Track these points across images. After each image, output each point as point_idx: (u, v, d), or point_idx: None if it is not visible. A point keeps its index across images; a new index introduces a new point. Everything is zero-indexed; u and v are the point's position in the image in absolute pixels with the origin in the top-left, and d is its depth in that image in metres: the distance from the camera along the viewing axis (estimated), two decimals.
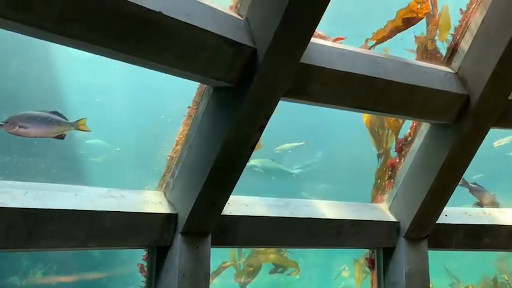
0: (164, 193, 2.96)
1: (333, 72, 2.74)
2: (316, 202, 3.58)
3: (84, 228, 2.45)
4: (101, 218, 2.54)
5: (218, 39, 2.24)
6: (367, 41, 3.31)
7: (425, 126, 3.52)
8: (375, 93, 2.96)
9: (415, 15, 3.40)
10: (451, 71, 3.28)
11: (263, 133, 2.65)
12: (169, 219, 2.82)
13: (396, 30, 3.38)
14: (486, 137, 3.39)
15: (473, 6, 3.24)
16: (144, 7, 1.93)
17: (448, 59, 3.37)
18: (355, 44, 3.14)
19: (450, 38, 3.41)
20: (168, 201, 2.90)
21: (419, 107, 3.16)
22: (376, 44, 3.34)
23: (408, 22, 3.40)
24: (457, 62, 3.28)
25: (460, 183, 4.57)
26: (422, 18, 3.41)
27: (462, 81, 3.19)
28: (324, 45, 2.80)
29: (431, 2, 3.39)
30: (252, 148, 2.67)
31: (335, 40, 2.97)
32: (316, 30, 2.82)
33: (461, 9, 3.36)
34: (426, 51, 3.51)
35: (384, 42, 3.30)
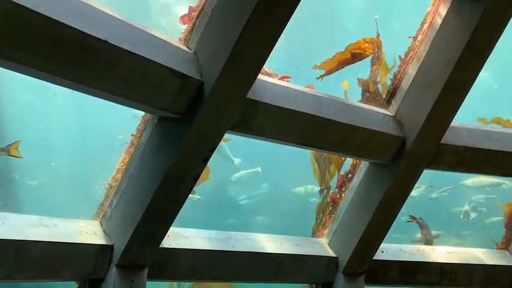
0: (100, 223, 2.85)
1: (278, 109, 2.81)
2: (258, 236, 3.58)
3: (10, 260, 2.30)
4: (29, 248, 2.39)
5: (165, 70, 2.25)
6: (315, 67, 3.45)
7: (364, 165, 3.66)
8: (317, 131, 3.06)
9: (362, 52, 3.59)
10: (389, 113, 3.46)
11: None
12: (104, 250, 2.71)
13: (344, 63, 3.55)
14: None
15: (411, 54, 3.46)
16: (90, 34, 1.91)
17: (387, 102, 3.56)
18: (303, 83, 3.27)
19: (389, 82, 3.63)
20: (104, 232, 2.79)
21: (358, 146, 3.29)
22: (326, 74, 3.49)
23: (355, 57, 3.58)
24: (395, 105, 3.46)
25: (409, 219, 4.78)
26: (369, 56, 3.61)
27: (399, 124, 3.37)
28: (270, 82, 2.88)
29: (376, 44, 3.60)
30: (195, 180, 2.65)
31: (281, 78, 3.06)
32: (264, 67, 2.92)
33: (400, 56, 3.58)
34: (368, 93, 3.70)
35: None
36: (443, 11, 3.16)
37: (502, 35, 3.16)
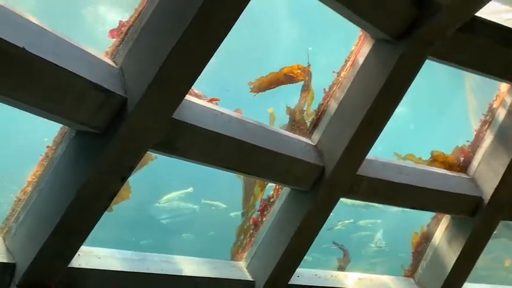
0: (3, 239, 2.64)
1: (204, 132, 2.81)
2: (176, 258, 3.51)
3: None
4: None
5: (87, 83, 2.18)
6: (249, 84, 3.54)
7: (286, 190, 3.76)
8: (241, 156, 3.10)
9: (294, 76, 3.73)
10: (311, 143, 3.60)
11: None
12: (4, 269, 2.51)
13: (277, 82, 3.66)
14: None
15: (334, 88, 3.65)
16: (5, 40, 1.80)
17: (310, 132, 3.71)
18: (233, 107, 3.31)
19: (314, 113, 3.79)
20: (7, 249, 2.59)
21: (280, 173, 3.38)
22: (259, 91, 3.58)
23: (288, 79, 3.71)
24: (317, 136, 3.62)
25: (333, 245, 4.94)
26: (300, 81, 3.76)
27: (319, 154, 3.52)
28: (198, 104, 2.89)
29: (307, 73, 3.75)
30: (111, 199, 2.56)
31: (210, 100, 3.09)
32: (193, 88, 2.93)
33: (324, 89, 3.76)
34: (294, 121, 3.83)
35: None
36: (365, 51, 3.39)
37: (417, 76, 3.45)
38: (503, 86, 4.06)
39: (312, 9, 2.85)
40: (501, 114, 4.00)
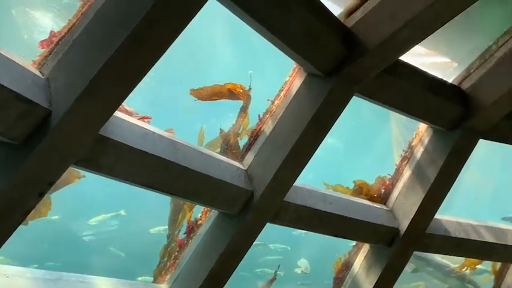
0: None
1: (131, 150, 2.76)
2: (93, 278, 3.36)
3: None
4: None
5: (7, 92, 2.07)
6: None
7: (214, 213, 3.75)
8: (170, 177, 3.06)
9: (236, 93, 3.77)
10: (242, 167, 3.65)
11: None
12: None
13: (219, 94, 3.68)
14: None
15: (268, 115, 3.75)
16: None
17: (242, 156, 3.77)
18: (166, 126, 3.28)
19: (247, 137, 3.85)
20: None
21: (209, 196, 3.38)
22: (200, 98, 3.57)
23: (231, 94, 3.75)
24: (248, 160, 3.67)
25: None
26: (241, 100, 3.80)
27: (249, 179, 3.57)
28: (128, 121, 2.83)
29: (247, 95, 3.82)
30: (25, 215, 2.41)
31: (141, 118, 3.04)
32: (124, 104, 2.87)
33: (259, 115, 3.84)
34: (227, 145, 3.87)
35: None
36: (298, 83, 3.53)
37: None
38: (422, 126, 4.39)
39: (253, 34, 2.93)
40: (419, 151, 4.30)
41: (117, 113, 2.74)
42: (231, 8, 2.75)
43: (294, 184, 3.71)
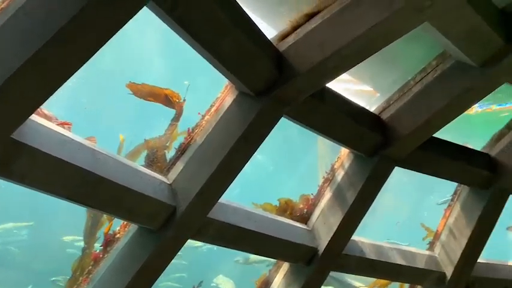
0: None
1: (47, 157, 2.59)
2: None
3: None
4: None
5: None
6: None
7: (133, 227, 3.62)
8: (88, 188, 2.92)
9: (172, 102, 3.69)
10: (166, 181, 3.57)
11: None
12: None
13: (156, 97, 3.60)
14: None
15: (197, 130, 3.72)
16: None
17: (168, 170, 3.69)
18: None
19: (174, 151, 3.78)
20: None
21: (129, 209, 3.26)
22: (137, 95, 3.44)
23: (167, 101, 3.66)
24: (173, 174, 3.60)
25: None
26: (173, 109, 3.73)
27: (173, 193, 3.50)
28: (45, 126, 2.67)
29: (181, 107, 3.75)
30: None
31: (61, 124, 2.88)
32: (43, 108, 2.71)
33: (189, 128, 3.80)
34: (153, 156, 3.77)
35: None
36: (229, 100, 3.55)
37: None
38: (344, 150, 4.59)
39: (188, 47, 2.92)
40: (340, 174, 4.49)
41: (35, 117, 2.57)
42: (167, 21, 2.72)
43: (218, 201, 3.69)
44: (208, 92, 4.03)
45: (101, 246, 3.75)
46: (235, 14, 2.94)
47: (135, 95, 3.62)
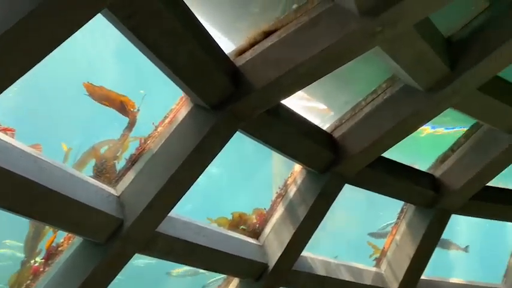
0: None
1: None
2: None
3: None
4: None
5: None
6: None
7: (78, 240, 3.48)
8: (29, 198, 2.78)
9: (127, 110, 3.58)
10: (115, 193, 3.46)
11: None
12: None
13: (112, 102, 3.51)
14: None
15: (150, 140, 3.64)
16: None
17: (117, 181, 3.58)
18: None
19: (124, 162, 3.68)
20: None
21: (73, 221, 3.13)
22: (92, 96, 3.35)
23: (122, 108, 3.55)
24: (122, 186, 3.50)
25: None
26: (127, 117, 3.62)
27: (121, 206, 3.40)
28: None
29: (134, 116, 3.65)
30: None
31: (2, 130, 2.74)
32: None
33: (141, 139, 3.71)
34: (101, 165, 3.65)
35: None
36: (183, 112, 3.51)
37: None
38: (298, 166, 4.65)
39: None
40: (292, 190, 4.54)
41: None
42: (122, 30, 2.67)
43: (168, 215, 3.62)
44: (164, 102, 3.98)
45: (42, 259, 3.58)
46: (192, 26, 2.93)
47: (91, 96, 3.52)
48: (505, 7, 3.69)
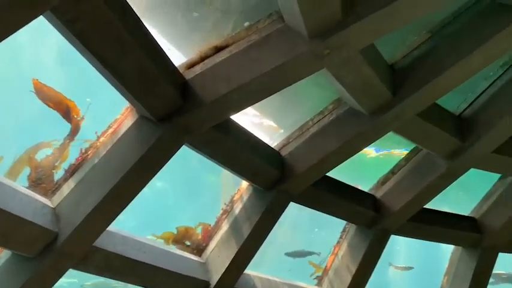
0: None
1: None
2: None
3: None
4: None
5: None
6: None
7: (5, 254, 3.25)
8: None
9: (71, 116, 3.42)
10: (50, 204, 3.28)
11: None
12: None
13: (57, 105, 3.42)
14: None
15: (91, 151, 3.51)
16: None
17: (53, 192, 3.40)
18: None
19: (63, 172, 3.51)
20: None
21: (2, 233, 2.93)
22: (38, 94, 3.22)
23: (66, 113, 3.39)
24: (58, 198, 3.33)
25: None
26: (71, 123, 3.46)
27: (56, 218, 3.23)
28: None
29: (77, 125, 3.49)
30: None
31: None
32: None
33: (81, 149, 3.56)
34: (37, 175, 3.46)
35: None
36: (128, 123, 3.41)
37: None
38: (245, 182, 4.64)
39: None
40: (238, 207, 4.51)
41: None
42: (65, 35, 2.57)
43: (107, 229, 3.48)
44: (112, 111, 3.86)
45: None
46: (140, 35, 2.88)
47: (37, 94, 3.36)
48: (445, 39, 3.92)
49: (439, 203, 5.44)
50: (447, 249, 6.12)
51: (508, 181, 5.42)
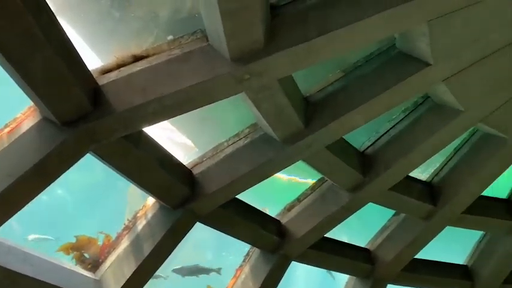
0: None
1: None
2: None
3: None
4: None
5: None
6: None
7: None
8: None
9: None
10: None
11: None
12: None
13: None
14: None
15: None
16: None
17: None
18: None
19: None
20: None
21: None
22: None
23: None
24: None
25: None
26: None
27: None
28: None
29: None
30: None
31: None
32: None
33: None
34: None
35: None
36: (29, 124, 3.16)
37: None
38: (151, 199, 4.48)
39: None
40: (142, 223, 4.32)
41: None
42: None
43: None
44: (12, 110, 3.55)
45: None
46: (53, 32, 2.70)
47: None
48: (355, 80, 4.19)
49: (339, 233, 5.70)
50: (344, 279, 6.39)
51: (401, 218, 5.84)
